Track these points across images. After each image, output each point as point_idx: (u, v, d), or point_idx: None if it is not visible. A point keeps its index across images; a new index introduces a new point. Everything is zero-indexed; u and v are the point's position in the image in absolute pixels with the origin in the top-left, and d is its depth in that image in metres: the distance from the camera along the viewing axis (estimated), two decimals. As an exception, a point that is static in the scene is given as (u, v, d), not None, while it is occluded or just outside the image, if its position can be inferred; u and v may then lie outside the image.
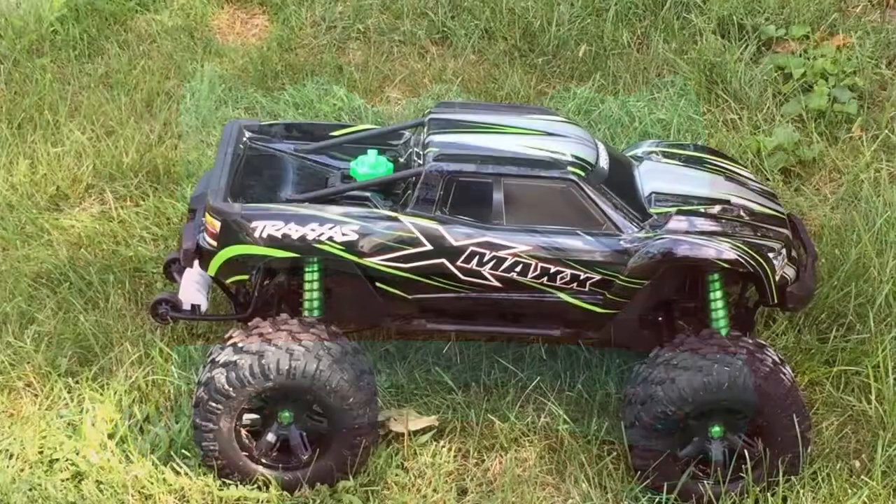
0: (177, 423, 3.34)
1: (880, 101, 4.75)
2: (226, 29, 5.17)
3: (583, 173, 3.18)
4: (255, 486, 3.19)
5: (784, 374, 3.14)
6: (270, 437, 3.19)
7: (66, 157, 4.30)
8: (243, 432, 3.18)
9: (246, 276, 3.24)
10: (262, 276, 3.36)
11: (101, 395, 3.42)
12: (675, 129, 4.50)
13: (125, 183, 4.19)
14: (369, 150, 3.34)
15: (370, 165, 3.30)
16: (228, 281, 3.25)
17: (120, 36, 5.01)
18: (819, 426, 3.44)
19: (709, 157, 3.65)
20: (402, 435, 3.35)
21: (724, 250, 3.18)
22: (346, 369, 3.08)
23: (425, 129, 3.30)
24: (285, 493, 3.20)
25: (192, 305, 3.34)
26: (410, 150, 3.36)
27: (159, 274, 3.75)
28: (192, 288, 3.36)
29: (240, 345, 3.09)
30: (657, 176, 3.43)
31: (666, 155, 3.58)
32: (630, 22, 5.14)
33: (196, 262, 3.24)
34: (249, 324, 3.18)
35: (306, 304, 3.25)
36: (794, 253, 3.38)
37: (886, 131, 4.49)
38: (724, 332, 3.27)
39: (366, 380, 3.13)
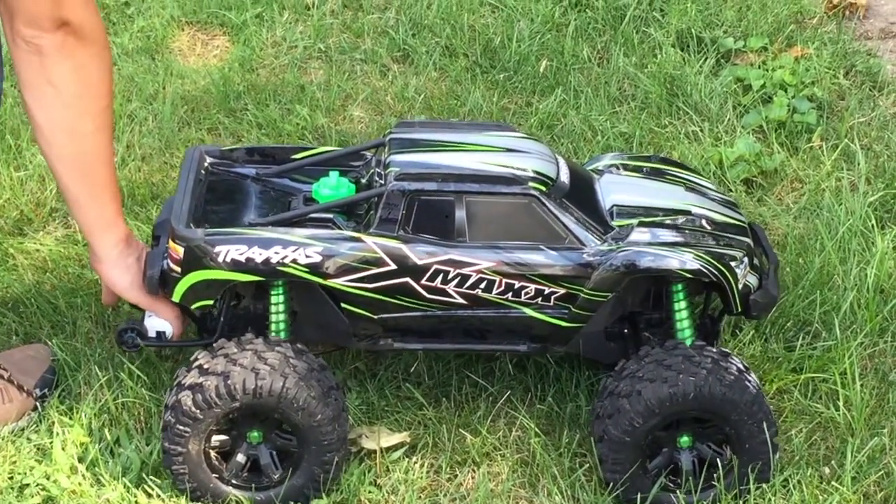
0: (147, 445, 3.33)
1: (839, 111, 4.79)
2: (186, 51, 5.17)
3: (544, 188, 3.17)
4: (229, 506, 3.19)
5: (749, 381, 3.15)
6: (240, 457, 3.17)
7: (29, 182, 4.28)
8: (213, 454, 3.17)
9: (211, 302, 3.21)
10: (228, 301, 3.35)
11: (71, 418, 3.41)
12: (638, 141, 4.53)
13: (89, 206, 4.16)
14: (331, 172, 3.32)
15: (332, 187, 3.28)
16: (194, 307, 3.22)
17: (80, 59, 4.99)
18: (788, 434, 3.46)
19: (669, 168, 3.66)
20: (374, 452, 3.35)
21: (687, 261, 3.19)
22: (313, 386, 3.07)
23: (386, 149, 3.29)
24: (259, 512, 3.20)
25: (158, 332, 3.32)
26: (372, 170, 3.35)
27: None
28: (158, 315, 3.33)
29: (205, 366, 3.08)
30: (618, 188, 3.44)
31: (627, 167, 3.59)
32: (590, 37, 5.17)
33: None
34: (215, 345, 3.17)
35: (273, 327, 3.24)
36: (756, 261, 3.39)
37: (846, 140, 4.54)
38: (689, 342, 3.28)
39: (333, 396, 3.12)
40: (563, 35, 5.12)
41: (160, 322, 3.30)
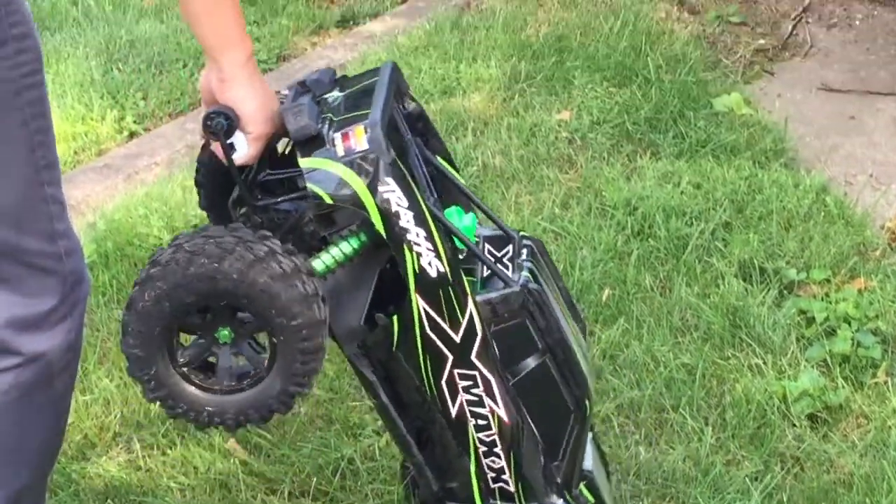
0: None
1: (904, 346, 4.78)
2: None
3: (586, 415, 3.11)
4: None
5: None
6: (223, 362, 2.84)
7: (94, 405, 4.32)
8: (188, 370, 2.82)
9: (329, 201, 2.81)
10: (295, 192, 3.02)
11: None
12: (701, 373, 4.51)
13: (152, 431, 4.20)
14: (470, 214, 3.13)
15: (467, 230, 3.08)
16: (309, 187, 2.81)
17: (149, 281, 5.07)
18: None
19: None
20: None
21: None
22: (272, 267, 2.74)
23: (523, 251, 3.13)
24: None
25: (233, 143, 2.92)
26: (478, 239, 3.16)
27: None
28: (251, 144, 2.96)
29: (160, 260, 2.81)
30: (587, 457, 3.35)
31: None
32: (652, 266, 5.20)
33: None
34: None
35: (319, 262, 2.89)
36: None
37: (912, 376, 4.52)
38: None
39: (301, 279, 2.79)
40: (626, 264, 5.16)
41: (243, 143, 2.91)
